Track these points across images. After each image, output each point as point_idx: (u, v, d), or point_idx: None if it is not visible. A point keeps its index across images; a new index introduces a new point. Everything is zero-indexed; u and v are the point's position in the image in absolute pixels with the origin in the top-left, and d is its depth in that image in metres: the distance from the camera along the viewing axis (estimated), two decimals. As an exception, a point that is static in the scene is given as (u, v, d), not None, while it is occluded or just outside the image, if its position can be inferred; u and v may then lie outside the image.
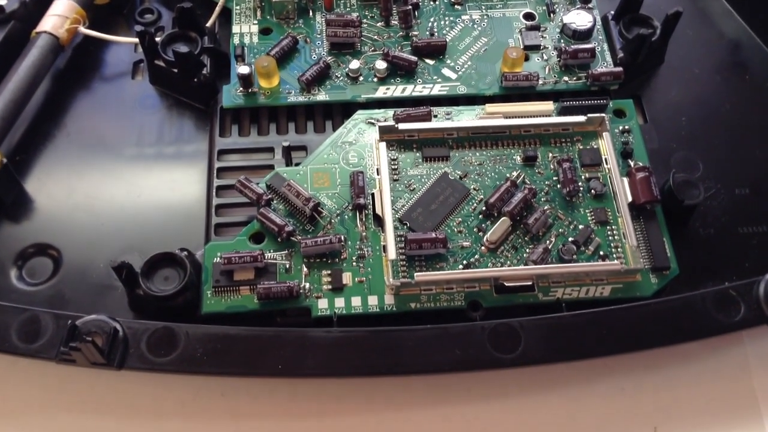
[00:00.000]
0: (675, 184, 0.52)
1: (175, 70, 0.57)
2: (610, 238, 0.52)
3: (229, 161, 0.57)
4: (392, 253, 0.49)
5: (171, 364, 0.45)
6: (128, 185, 0.55)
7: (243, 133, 0.58)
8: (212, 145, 0.57)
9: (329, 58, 0.59)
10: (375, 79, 0.58)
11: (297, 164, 0.55)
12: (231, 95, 0.57)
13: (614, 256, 0.51)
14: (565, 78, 0.59)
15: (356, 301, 0.49)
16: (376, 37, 0.60)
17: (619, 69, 0.58)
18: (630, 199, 0.52)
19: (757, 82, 0.62)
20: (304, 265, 0.50)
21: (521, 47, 0.60)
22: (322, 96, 0.57)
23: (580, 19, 0.60)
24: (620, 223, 0.52)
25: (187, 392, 0.50)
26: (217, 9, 0.61)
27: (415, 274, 0.49)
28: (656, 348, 0.48)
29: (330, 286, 0.50)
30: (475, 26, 0.61)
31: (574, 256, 0.51)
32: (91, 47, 0.62)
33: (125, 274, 0.47)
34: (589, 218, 0.52)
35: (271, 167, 0.55)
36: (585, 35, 0.60)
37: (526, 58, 0.59)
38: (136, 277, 0.48)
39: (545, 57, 0.60)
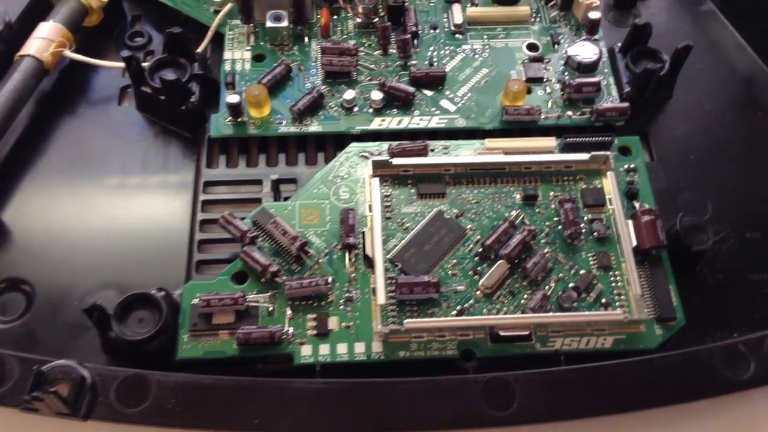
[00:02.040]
0: (682, 229, 0.50)
1: (162, 98, 0.54)
2: (613, 284, 0.49)
3: (215, 194, 0.54)
4: (382, 297, 0.47)
5: (140, 416, 0.42)
6: (109, 217, 0.53)
7: (231, 164, 0.55)
8: (198, 176, 0.54)
9: (323, 87, 0.56)
10: (370, 110, 0.56)
11: (286, 198, 0.52)
12: (219, 125, 0.54)
13: (617, 304, 0.48)
14: (569, 113, 0.56)
15: (342, 348, 0.47)
16: (372, 66, 0.58)
17: (626, 104, 0.55)
18: (635, 243, 0.49)
19: (769, 118, 0.59)
20: (288, 308, 0.47)
21: (523, 79, 0.57)
22: (314, 127, 0.55)
23: (585, 51, 0.58)
24: (624, 268, 0.49)
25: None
26: (209, 34, 0.58)
27: (405, 320, 0.46)
28: (661, 406, 0.45)
29: (315, 332, 0.47)
30: (476, 56, 0.59)
31: (575, 304, 0.48)
32: (78, 71, 0.60)
33: (96, 317, 0.45)
34: (591, 263, 0.50)
35: (259, 201, 0.53)
36: (590, 68, 0.58)
37: (529, 91, 0.57)
38: (109, 319, 0.45)
39: (548, 90, 0.57)
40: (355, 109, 0.56)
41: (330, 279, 0.48)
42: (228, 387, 0.43)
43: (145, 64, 0.55)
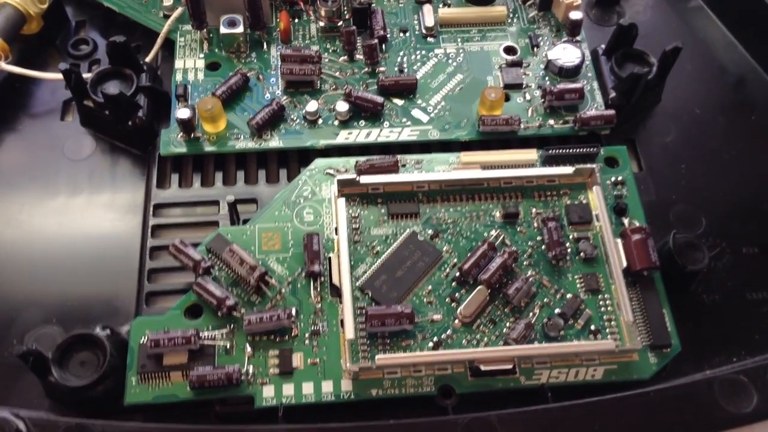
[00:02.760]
0: (676, 248, 0.46)
1: (107, 113, 0.50)
2: (603, 309, 0.45)
3: (167, 217, 0.50)
4: (350, 331, 0.42)
5: (90, 473, 0.38)
6: (51, 243, 0.48)
7: (184, 184, 0.51)
8: (148, 197, 0.50)
9: (284, 98, 0.52)
10: (336, 123, 0.51)
11: (246, 220, 0.48)
12: (170, 141, 0.50)
13: (607, 331, 0.44)
14: (551, 121, 0.52)
15: (308, 388, 0.42)
16: (338, 74, 0.53)
17: (611, 112, 0.51)
18: (625, 264, 0.45)
19: (765, 122, 0.56)
20: (248, 345, 0.43)
21: (501, 86, 0.53)
22: (275, 142, 0.50)
23: (567, 54, 0.54)
24: (614, 291, 0.45)
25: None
26: (159, 41, 0.54)
27: (377, 356, 0.42)
28: (657, 445, 0.41)
29: (277, 370, 0.42)
30: (450, 61, 0.55)
31: (561, 332, 0.44)
32: (17, 83, 0.55)
33: (33, 362, 0.40)
34: (578, 286, 0.46)
35: (216, 223, 0.49)
36: (572, 72, 0.54)
37: (507, 99, 0.53)
38: (47, 363, 0.41)
39: (528, 97, 0.53)
40: (320, 121, 0.51)
41: (293, 311, 0.43)
42: (180, 438, 0.39)
43: (87, 76, 0.50)
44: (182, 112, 0.48)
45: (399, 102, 0.52)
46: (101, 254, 0.48)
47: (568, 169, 0.48)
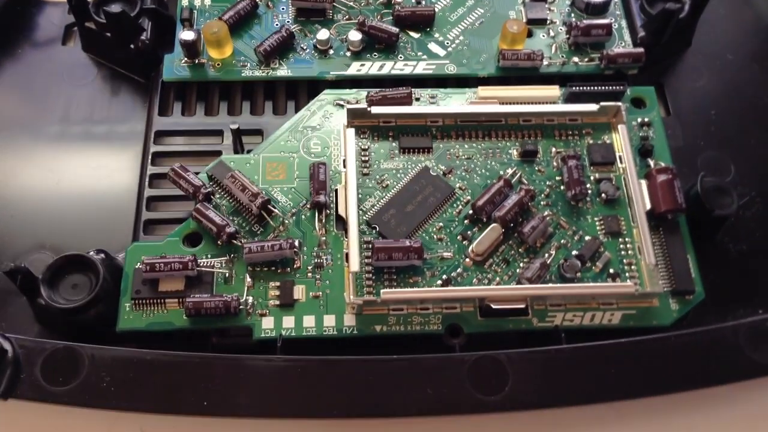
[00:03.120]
0: (703, 191, 0.43)
1: (109, 35, 0.47)
2: (623, 253, 0.43)
3: (168, 145, 0.48)
4: (355, 263, 0.40)
5: (68, 395, 0.36)
6: (46, 170, 0.47)
7: (188, 113, 0.49)
8: (149, 125, 0.48)
9: (295, 26, 0.49)
10: (348, 53, 0.49)
11: (250, 151, 0.46)
12: (173, 66, 0.48)
13: (627, 275, 0.42)
14: (575, 59, 0.49)
15: (309, 321, 0.40)
16: (352, 3, 0.51)
17: (640, 50, 0.48)
18: (649, 206, 0.43)
19: (801, 71, 0.53)
20: (247, 275, 0.41)
21: (524, 21, 0.50)
22: (283, 71, 0.48)
23: (595, -10, 0.51)
24: (635, 235, 0.43)
25: (97, 427, 0.40)
26: (166, -36, 0.51)
27: (382, 291, 0.40)
28: (676, 392, 0.39)
29: (278, 302, 0.40)
30: (471, -6, 0.52)
31: (578, 274, 0.42)
32: (18, 6, 0.53)
33: (21, 281, 0.38)
34: (597, 228, 0.43)
35: (219, 154, 0.47)
36: (600, 9, 0.51)
37: (530, 34, 0.50)
38: (37, 283, 0.39)
39: (552, 33, 0.50)
40: (331, 51, 0.49)
41: (297, 242, 0.41)
42: (172, 364, 0.37)
43: (90, -3, 0.48)
44: (186, 34, 0.46)
45: (415, 35, 0.50)
46: (100, 181, 0.46)
47: (591, 107, 0.46)
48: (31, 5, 0.53)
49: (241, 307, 0.40)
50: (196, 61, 0.47)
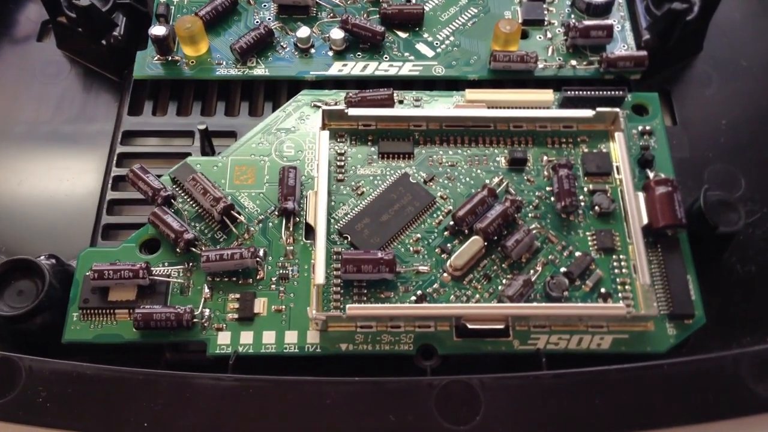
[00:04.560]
0: (707, 205, 0.40)
1: (80, 30, 0.45)
2: (616, 271, 0.39)
3: (136, 146, 0.45)
4: (321, 275, 0.37)
5: (2, 410, 0.33)
6: (9, 171, 0.45)
7: (159, 112, 0.46)
8: (118, 124, 0.45)
9: (275, 23, 0.47)
10: (330, 53, 0.46)
11: (220, 154, 0.43)
12: (145, 63, 0.45)
13: (620, 296, 0.38)
14: (573, 62, 0.46)
15: (269, 337, 0.37)
16: (337, 0, 0.48)
17: (642, 53, 0.45)
18: (646, 221, 0.39)
19: (820, 81, 0.49)
20: (206, 286, 0.38)
21: (519, 21, 0.47)
22: (260, 70, 0.45)
23: (596, -12, 0.48)
24: (630, 252, 0.39)
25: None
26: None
27: (348, 305, 0.37)
28: (669, 428, 0.35)
29: (236, 315, 0.37)
30: (464, -7, 0.49)
31: (566, 293, 0.38)
32: (-6, 2, 0.51)
33: (-39, 286, 0.36)
34: (589, 243, 0.40)
35: (189, 156, 0.44)
36: (602, 10, 0.48)
37: (525, 35, 0.47)
38: (-22, 289, 0.36)
39: (549, 35, 0.47)
40: (312, 50, 0.46)
41: (261, 251, 0.38)
42: (114, 380, 0.34)
43: (63, -10, 0.46)
44: (157, 29, 0.44)
45: (402, 34, 0.47)
46: (62, 182, 0.44)
47: (587, 113, 0.42)
48: (9, 0, 0.51)
49: (195, 320, 0.37)
50: (169, 59, 0.45)
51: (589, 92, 0.43)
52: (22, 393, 0.34)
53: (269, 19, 0.47)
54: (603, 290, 0.39)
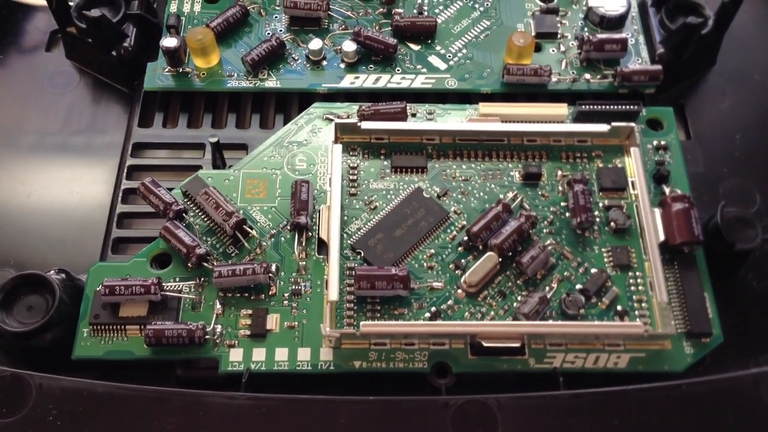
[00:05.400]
0: (723, 221, 0.39)
1: (90, 41, 0.45)
2: (633, 288, 0.39)
3: (146, 158, 0.45)
4: (334, 292, 0.37)
5: (10, 428, 0.33)
6: (18, 182, 0.44)
7: (169, 124, 0.46)
8: (128, 136, 0.45)
9: (287, 35, 0.46)
10: (342, 65, 0.46)
11: (231, 167, 0.43)
12: (156, 75, 0.45)
13: (636, 313, 0.38)
14: (587, 75, 0.46)
15: (281, 354, 0.37)
16: (349, 13, 0.47)
17: (657, 67, 0.45)
18: (662, 237, 0.39)
19: (835, 95, 0.48)
20: (218, 302, 0.38)
21: (532, 34, 0.47)
22: (272, 82, 0.45)
23: (610, 2, 0.47)
24: (647, 269, 0.39)
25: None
26: (155, -31, 0.49)
27: (362, 322, 0.36)
28: (687, 449, 0.34)
29: (249, 332, 0.37)
30: (477, 5, 0.49)
31: (582, 311, 0.38)
32: (4, 11, 0.51)
33: (-31, 301, 0.36)
34: (605, 260, 0.39)
35: (199, 169, 0.43)
36: (616, 23, 0.47)
37: (538, 49, 0.47)
38: (-12, 305, 0.36)
39: (562, 48, 0.47)
40: (324, 62, 0.46)
41: (273, 267, 0.38)
42: (125, 398, 0.34)
43: (72, 1, 0.45)
44: (169, 41, 0.44)
45: (415, 47, 0.47)
46: (71, 195, 0.44)
47: (602, 127, 0.42)
48: (17, 10, 0.51)
49: (207, 336, 0.36)
50: (180, 70, 0.45)
51: (603, 106, 0.43)
52: (32, 411, 0.33)
53: (281, 30, 0.47)
54: (619, 308, 0.38)
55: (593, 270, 0.39)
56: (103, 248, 0.41)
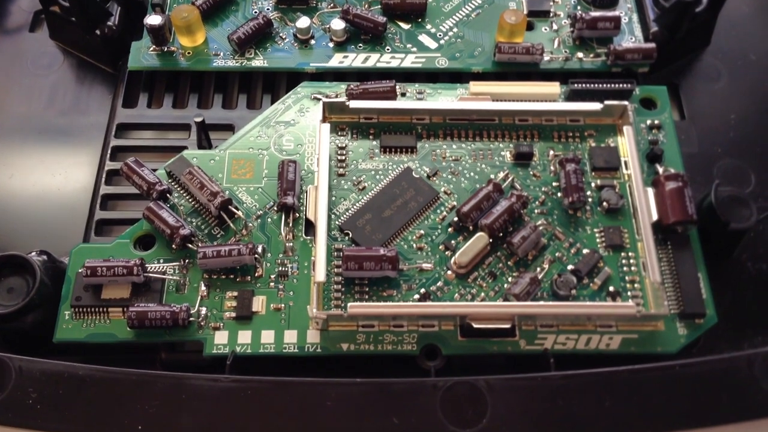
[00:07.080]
0: (718, 201, 0.39)
1: (73, 20, 0.44)
2: (625, 269, 0.38)
3: (131, 139, 0.44)
4: (321, 273, 0.36)
5: (-10, 412, 0.32)
6: (0, 164, 0.43)
7: (155, 104, 0.45)
8: (112, 117, 0.44)
9: (274, 13, 0.45)
10: (330, 44, 0.45)
11: (217, 148, 0.42)
12: (140, 54, 0.44)
13: (629, 294, 0.37)
14: (579, 54, 0.45)
15: (267, 337, 0.36)
16: (337, -9, 0.47)
17: (651, 45, 0.44)
18: (655, 217, 0.38)
19: (831, 74, 0.48)
20: (202, 283, 0.37)
21: (524, 12, 0.46)
22: (259, 62, 0.44)
23: (603, -20, 0.46)
24: (640, 249, 0.38)
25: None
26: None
27: (350, 304, 0.35)
28: (682, 430, 0.33)
29: (234, 314, 0.36)
30: (468, -16, 0.48)
31: (573, 292, 0.37)
32: (-15, -9, 0.50)
33: (-53, 283, 0.35)
34: (597, 240, 0.39)
35: (184, 149, 0.43)
36: (609, 1, 0.47)
37: (530, 27, 0.46)
38: (-35, 286, 0.35)
39: (555, 26, 0.46)
40: (312, 41, 0.45)
41: (259, 248, 0.37)
42: (106, 380, 0.33)
43: (55, -21, 0.45)
44: (153, 18, 0.43)
45: (405, 25, 0.46)
46: (54, 177, 0.43)
47: (595, 106, 0.41)
48: (-2, -10, 0.50)
49: (191, 319, 0.36)
50: (165, 49, 0.44)
51: (596, 85, 0.42)
52: (11, 394, 0.33)
53: (268, 9, 0.46)
54: (612, 288, 0.37)
55: (585, 250, 0.38)
56: (87, 230, 0.41)
